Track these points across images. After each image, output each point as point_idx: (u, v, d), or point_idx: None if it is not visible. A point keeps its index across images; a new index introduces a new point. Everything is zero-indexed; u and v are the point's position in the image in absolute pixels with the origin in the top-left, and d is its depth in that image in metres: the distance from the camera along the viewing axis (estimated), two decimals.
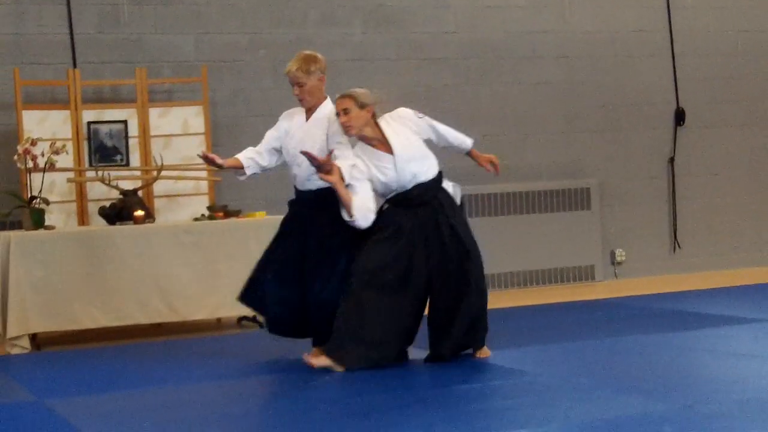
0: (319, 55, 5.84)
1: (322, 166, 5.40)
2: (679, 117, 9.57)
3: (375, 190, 5.61)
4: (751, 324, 6.39)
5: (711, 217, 9.70)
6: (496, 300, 7.94)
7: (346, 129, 5.58)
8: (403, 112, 5.75)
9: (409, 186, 5.62)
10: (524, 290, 8.86)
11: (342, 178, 5.46)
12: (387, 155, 5.60)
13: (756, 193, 9.84)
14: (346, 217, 5.50)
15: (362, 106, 5.57)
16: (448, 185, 5.79)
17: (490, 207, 8.89)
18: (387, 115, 5.73)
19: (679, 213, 9.59)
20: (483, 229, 8.84)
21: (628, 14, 9.47)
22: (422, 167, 5.65)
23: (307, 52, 5.86)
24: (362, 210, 5.49)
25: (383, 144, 5.63)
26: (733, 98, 9.77)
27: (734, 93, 9.77)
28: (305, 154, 5.44)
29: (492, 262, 8.82)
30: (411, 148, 5.64)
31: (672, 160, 9.59)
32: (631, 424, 4.08)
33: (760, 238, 9.83)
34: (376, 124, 5.65)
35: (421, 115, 5.78)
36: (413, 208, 5.63)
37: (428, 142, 5.84)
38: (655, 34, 9.55)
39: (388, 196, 5.68)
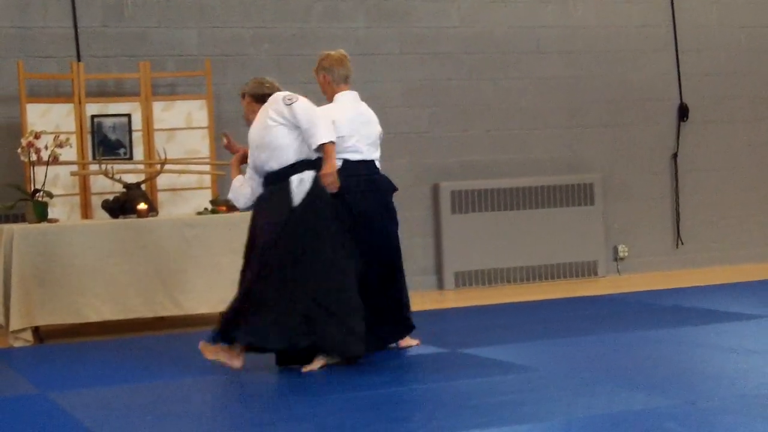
0: (322, 54, 5.85)
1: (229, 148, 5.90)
2: (683, 112, 9.56)
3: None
4: (753, 320, 6.39)
5: (714, 213, 9.69)
6: (499, 295, 7.97)
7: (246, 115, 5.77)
8: (274, 96, 5.56)
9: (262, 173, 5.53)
10: (527, 285, 8.86)
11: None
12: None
13: (759, 189, 9.83)
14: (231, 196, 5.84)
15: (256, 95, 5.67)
16: (294, 179, 5.41)
17: (492, 202, 8.89)
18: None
19: (682, 209, 9.59)
20: (486, 224, 8.88)
21: (632, 9, 9.46)
22: (265, 157, 5.47)
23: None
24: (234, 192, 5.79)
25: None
26: (736, 94, 9.76)
27: (738, 89, 9.76)
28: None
29: (494, 257, 8.87)
30: (255, 137, 5.55)
31: (675, 155, 9.58)
32: (633, 420, 4.08)
33: (763, 234, 9.82)
34: None
35: (291, 100, 5.45)
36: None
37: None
38: (659, 29, 9.54)
39: None
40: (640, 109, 9.49)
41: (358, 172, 5.65)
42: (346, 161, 5.63)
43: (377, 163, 5.82)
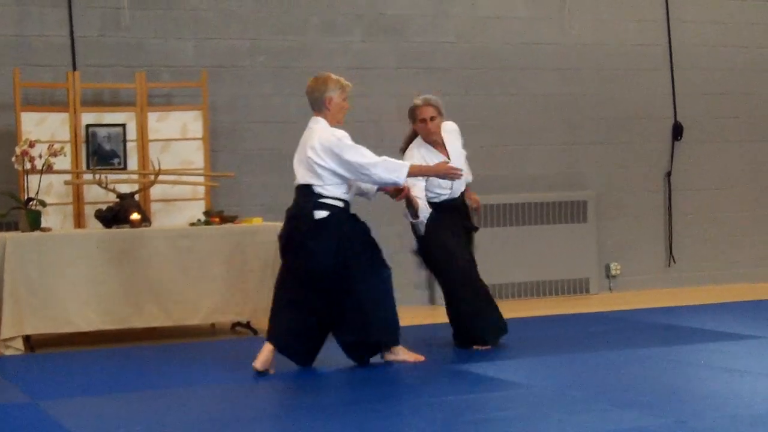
0: (319, 77, 5.83)
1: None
2: (677, 131, 9.59)
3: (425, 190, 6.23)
4: (745, 340, 6.40)
5: (707, 232, 9.71)
6: None
7: (429, 134, 6.28)
8: (453, 126, 6.45)
9: (457, 194, 6.34)
10: (518, 301, 8.86)
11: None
12: (449, 161, 6.21)
13: (752, 209, 9.86)
14: (411, 218, 6.10)
15: (441, 113, 6.32)
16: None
17: (486, 218, 8.89)
18: (440, 124, 6.35)
19: (674, 227, 9.61)
20: (479, 240, 8.85)
21: (628, 28, 9.50)
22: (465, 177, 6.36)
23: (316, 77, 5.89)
24: (425, 211, 6.11)
25: (443, 149, 6.32)
26: (731, 114, 9.79)
27: (732, 108, 9.79)
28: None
29: (487, 273, 8.82)
30: (461, 158, 6.38)
31: (669, 174, 9.60)
32: None
33: (755, 254, 9.84)
34: None
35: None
36: (450, 211, 6.31)
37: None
38: (655, 48, 9.58)
39: (433, 200, 6.23)
40: (634, 128, 9.52)
41: (298, 197, 5.79)
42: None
43: (315, 188, 5.66)
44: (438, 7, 8.94)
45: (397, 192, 5.87)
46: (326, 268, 5.66)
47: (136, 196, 7.34)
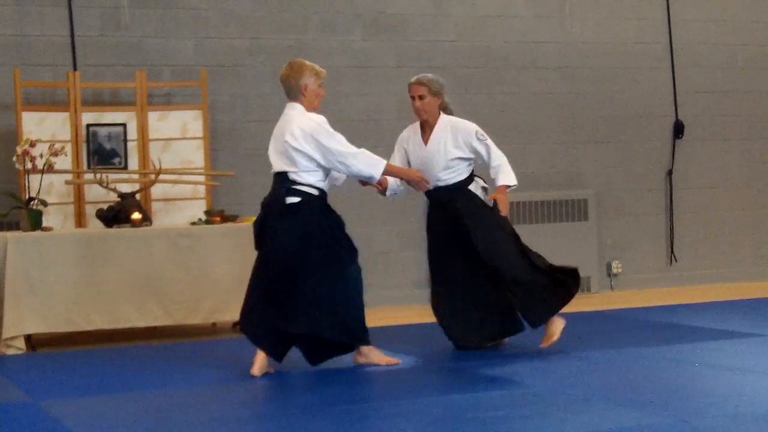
0: (294, 63, 5.79)
1: None
2: (678, 129, 9.59)
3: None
4: (746, 338, 6.39)
5: (708, 231, 9.70)
6: None
7: (417, 113, 6.14)
8: (469, 126, 6.19)
9: (432, 185, 6.16)
10: None
11: None
12: (423, 146, 6.15)
13: (753, 207, 9.85)
14: (378, 192, 6.07)
15: (435, 93, 6.12)
16: (477, 187, 6.19)
17: None
18: (454, 118, 6.21)
19: (676, 226, 9.60)
20: None
21: (628, 26, 9.49)
22: (445, 175, 6.15)
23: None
24: (393, 187, 6.07)
25: (429, 135, 6.18)
26: (731, 111, 9.78)
27: (733, 106, 9.79)
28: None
29: None
30: (437, 157, 6.12)
31: (670, 172, 9.60)
32: None
33: (757, 253, 9.83)
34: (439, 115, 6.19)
35: (483, 137, 6.16)
36: (438, 207, 6.24)
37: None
38: (656, 46, 9.57)
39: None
40: (635, 126, 9.51)
41: (274, 184, 5.71)
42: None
43: (290, 175, 5.63)
44: (438, 6, 8.94)
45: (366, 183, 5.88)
46: (290, 251, 5.56)
47: (137, 196, 7.34)
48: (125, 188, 7.37)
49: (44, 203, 7.06)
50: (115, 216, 7.16)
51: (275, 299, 5.63)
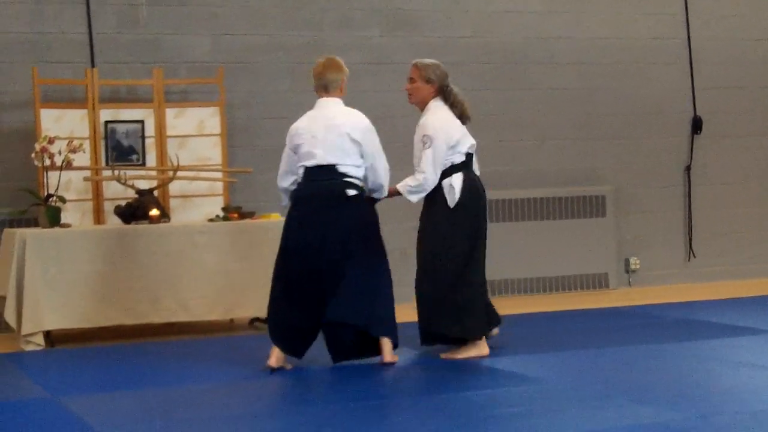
0: (332, 59, 5.86)
1: None
2: (696, 125, 9.54)
3: None
4: (765, 335, 6.36)
5: (726, 227, 9.66)
6: (509, 306, 7.93)
7: (408, 96, 6.08)
8: (425, 124, 5.93)
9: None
10: (537, 297, 8.85)
11: None
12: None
13: None
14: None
15: (427, 80, 5.98)
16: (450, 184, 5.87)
17: (504, 213, 8.88)
18: (433, 114, 5.94)
19: (694, 222, 9.57)
20: (497, 235, 8.86)
21: (646, 21, 9.45)
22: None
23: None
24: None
25: None
26: (750, 107, 9.74)
27: (752, 102, 9.74)
28: None
29: (505, 268, 8.85)
30: (416, 149, 5.89)
31: (688, 168, 9.56)
32: None
33: None
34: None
35: (426, 140, 5.84)
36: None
37: None
38: (673, 41, 9.53)
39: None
40: (653, 122, 9.48)
41: (317, 177, 5.63)
42: (305, 168, 5.66)
43: (342, 168, 5.62)
44: (454, 2, 8.93)
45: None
46: (347, 240, 5.58)
47: (155, 193, 7.37)
48: (143, 185, 7.39)
49: (63, 200, 7.09)
50: (133, 213, 7.18)
51: (317, 289, 5.59)
